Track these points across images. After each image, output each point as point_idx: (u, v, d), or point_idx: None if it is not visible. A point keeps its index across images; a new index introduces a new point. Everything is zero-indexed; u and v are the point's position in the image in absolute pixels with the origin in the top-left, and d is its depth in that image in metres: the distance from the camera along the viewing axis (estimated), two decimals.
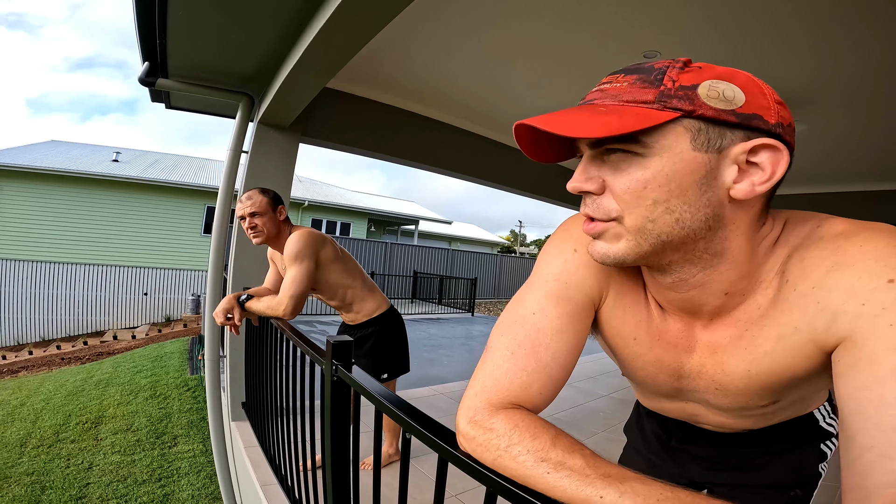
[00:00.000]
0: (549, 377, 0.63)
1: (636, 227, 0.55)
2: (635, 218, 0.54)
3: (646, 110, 0.51)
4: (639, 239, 0.55)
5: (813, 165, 3.91)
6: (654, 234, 0.54)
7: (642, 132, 0.51)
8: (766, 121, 0.51)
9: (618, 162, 0.54)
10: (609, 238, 0.57)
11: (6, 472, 4.85)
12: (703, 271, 0.58)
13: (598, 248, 0.59)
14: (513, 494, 0.53)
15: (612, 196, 0.55)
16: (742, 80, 0.52)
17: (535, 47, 2.40)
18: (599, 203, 0.56)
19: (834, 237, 0.54)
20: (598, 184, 0.56)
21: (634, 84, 0.53)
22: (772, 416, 0.82)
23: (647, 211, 0.53)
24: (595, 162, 0.56)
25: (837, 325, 0.50)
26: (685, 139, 0.51)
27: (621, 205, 0.54)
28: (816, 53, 2.16)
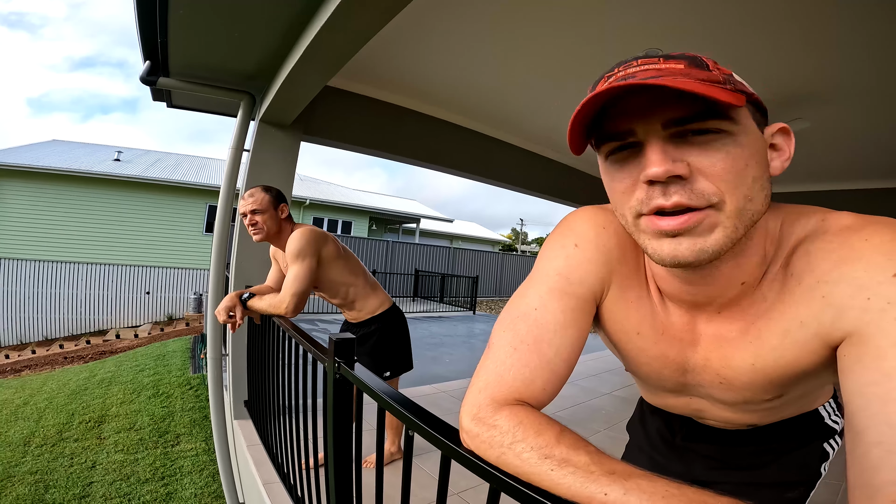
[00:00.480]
0: (552, 373, 0.62)
1: (737, 209, 0.51)
2: (737, 199, 0.51)
3: (724, 89, 0.48)
4: (737, 223, 0.51)
5: (816, 163, 3.90)
6: (749, 215, 0.52)
7: (734, 109, 0.50)
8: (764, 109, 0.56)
9: (709, 142, 0.50)
10: (702, 231, 0.51)
11: (10, 472, 4.86)
12: (734, 258, 0.58)
13: (689, 247, 0.52)
14: (517, 491, 0.53)
15: (705, 178, 0.50)
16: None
17: (537, 45, 2.39)
18: (694, 188, 0.50)
19: (839, 231, 0.54)
20: (685, 167, 0.50)
21: (692, 66, 0.50)
22: (777, 412, 0.81)
23: (748, 190, 0.51)
24: (674, 143, 0.51)
25: (843, 320, 0.50)
26: (752, 119, 0.53)
27: (722, 186, 0.50)
28: (819, 50, 2.15)
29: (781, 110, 2.82)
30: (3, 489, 4.55)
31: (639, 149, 0.53)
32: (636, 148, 0.53)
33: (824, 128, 3.04)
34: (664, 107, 0.50)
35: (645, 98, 0.51)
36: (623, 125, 0.53)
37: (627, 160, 0.55)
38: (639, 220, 0.55)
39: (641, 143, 0.52)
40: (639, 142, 0.53)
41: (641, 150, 0.53)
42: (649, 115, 0.51)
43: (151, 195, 13.58)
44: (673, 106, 0.50)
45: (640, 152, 0.53)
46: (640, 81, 0.47)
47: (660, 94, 0.50)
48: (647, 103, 0.51)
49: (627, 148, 0.54)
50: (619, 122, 0.53)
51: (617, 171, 0.56)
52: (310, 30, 1.83)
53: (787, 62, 2.28)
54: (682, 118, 0.50)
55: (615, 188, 0.57)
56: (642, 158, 0.52)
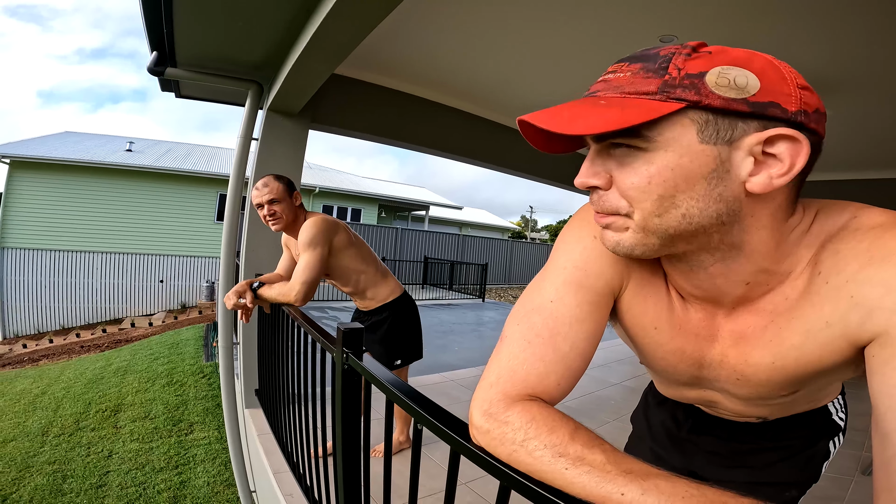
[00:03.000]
0: (567, 368, 0.61)
1: (642, 222, 0.53)
2: (641, 213, 0.52)
3: (648, 102, 0.48)
4: (646, 233, 0.53)
5: (838, 152, 3.82)
6: (661, 230, 0.52)
7: (645, 125, 0.48)
8: (784, 109, 0.46)
9: (622, 156, 0.52)
10: (617, 228, 0.56)
11: (28, 462, 4.96)
12: (720, 262, 0.56)
13: (609, 238, 0.57)
14: (529, 490, 0.52)
15: (617, 191, 0.53)
16: (760, 64, 0.47)
17: (549, 30, 2.35)
18: (606, 198, 0.55)
19: (871, 229, 0.51)
20: (604, 178, 0.54)
21: (638, 74, 0.49)
22: (789, 406, 0.80)
23: (652, 206, 0.51)
24: (601, 156, 0.54)
25: (872, 321, 0.47)
26: (691, 131, 0.48)
27: (628, 199, 0.53)
28: (841, 38, 2.09)
29: None
30: (22, 479, 4.65)
31: None
32: None
33: (846, 117, 2.97)
34: None
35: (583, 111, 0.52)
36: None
37: None
38: None
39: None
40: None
41: None
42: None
43: (163, 184, 13.72)
44: None
45: None
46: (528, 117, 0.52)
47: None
48: None
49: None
50: None
51: None
52: (315, 17, 1.81)
53: (807, 50, 2.22)
54: (601, 134, 0.51)
55: None
56: None
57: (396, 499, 1.07)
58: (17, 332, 12.46)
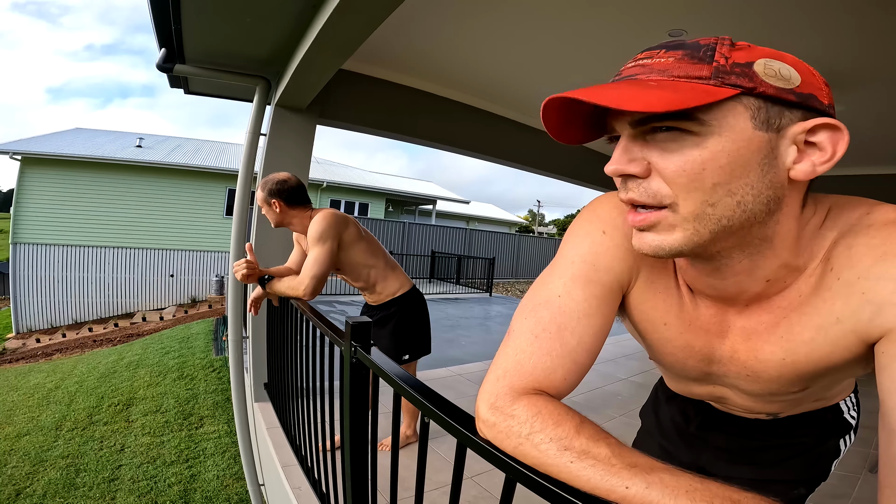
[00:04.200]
0: (574, 362, 0.61)
1: (694, 213, 0.50)
2: (692, 203, 0.49)
3: (701, 86, 0.46)
4: (697, 226, 0.50)
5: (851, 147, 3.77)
6: (714, 220, 0.50)
7: (700, 109, 0.47)
8: (820, 101, 0.49)
9: (667, 141, 0.49)
10: (662, 229, 0.52)
11: (42, 456, 5.04)
12: (749, 258, 0.55)
13: (650, 241, 0.53)
14: (534, 483, 0.52)
15: (661, 179, 0.50)
16: (791, 60, 0.49)
17: (558, 25, 2.33)
18: (647, 187, 0.51)
19: (884, 225, 0.51)
20: (642, 166, 0.51)
21: (682, 59, 0.48)
22: (800, 403, 0.80)
23: (706, 195, 0.49)
24: (637, 142, 0.51)
25: (883, 317, 0.47)
26: (745, 117, 0.47)
27: (675, 189, 0.50)
28: (852, 33, 2.06)
29: None
30: (37, 474, 4.72)
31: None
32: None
33: (858, 112, 2.93)
34: None
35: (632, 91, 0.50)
36: (610, 120, 0.54)
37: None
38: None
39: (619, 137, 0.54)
40: (618, 136, 0.54)
41: None
42: (621, 113, 0.52)
43: (173, 180, 13.83)
44: None
45: None
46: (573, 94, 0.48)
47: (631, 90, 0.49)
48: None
49: (616, 140, 0.55)
50: (608, 117, 0.55)
51: None
52: (322, 13, 1.81)
53: (818, 46, 2.19)
54: (642, 118, 0.50)
55: None
56: None
57: (403, 491, 1.08)
58: (31, 327, 12.63)
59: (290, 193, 2.12)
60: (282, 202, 2.11)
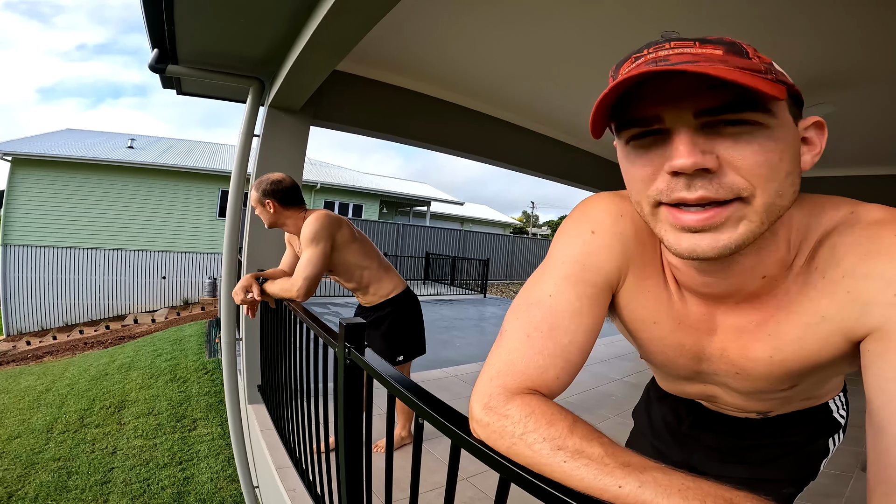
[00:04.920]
0: (566, 361, 0.61)
1: (766, 204, 0.48)
2: (767, 194, 0.48)
3: (763, 79, 0.45)
4: (763, 218, 0.49)
5: (842, 148, 3.81)
6: (777, 210, 0.50)
7: (771, 101, 0.47)
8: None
9: (741, 134, 0.47)
10: (729, 225, 0.49)
11: (34, 459, 4.98)
12: (756, 252, 0.55)
13: (712, 242, 0.49)
14: (528, 483, 0.52)
15: (735, 172, 0.47)
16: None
17: (551, 25, 2.34)
18: (722, 181, 0.48)
19: (869, 224, 0.52)
20: (714, 159, 0.47)
21: (730, 53, 0.46)
22: (789, 401, 0.81)
23: (779, 185, 0.48)
24: (701, 134, 0.48)
25: (868, 316, 0.48)
26: (788, 112, 0.50)
27: (753, 180, 0.47)
28: (844, 35, 2.09)
29: (805, 95, 2.75)
30: (28, 476, 4.67)
31: (665, 136, 0.50)
32: (662, 135, 0.50)
33: (849, 112, 2.96)
34: (697, 95, 0.47)
35: (677, 84, 0.47)
36: (650, 111, 0.49)
37: (651, 147, 0.51)
38: (658, 210, 0.53)
39: (669, 130, 0.49)
40: (666, 129, 0.49)
41: (668, 137, 0.49)
42: (681, 102, 0.47)
43: (165, 181, 13.74)
44: (706, 95, 0.46)
45: (667, 140, 0.50)
46: (679, 67, 0.44)
47: (693, 81, 0.46)
48: (680, 90, 0.47)
49: (652, 134, 0.51)
50: (646, 107, 0.50)
51: (638, 157, 0.53)
52: (317, 14, 1.81)
53: (810, 45, 2.21)
54: (715, 108, 0.47)
55: (635, 175, 0.54)
56: (668, 147, 0.49)
57: (398, 493, 1.08)
58: (21, 330, 12.50)
59: (285, 194, 2.11)
60: (276, 203, 2.11)
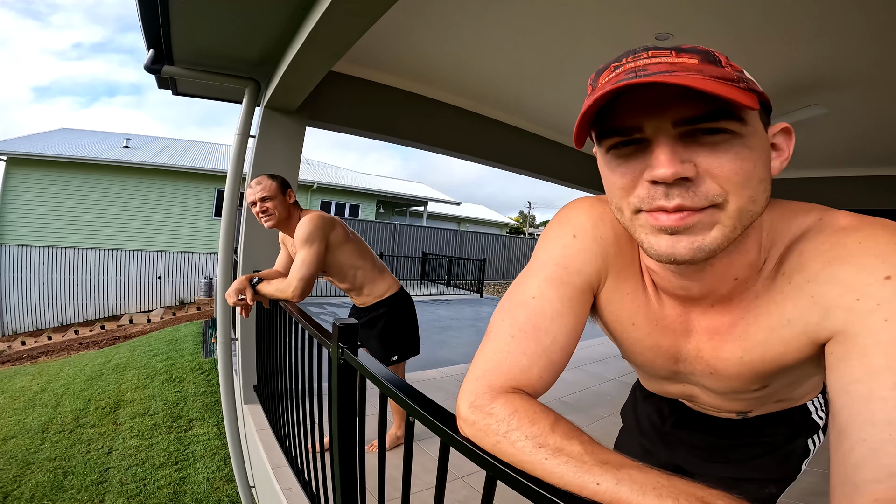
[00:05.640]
0: (549, 360, 0.63)
1: (740, 209, 0.50)
2: (741, 200, 0.50)
3: (737, 88, 0.47)
4: (737, 223, 0.51)
5: (829, 149, 3.84)
6: (750, 215, 0.51)
7: (744, 110, 0.48)
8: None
9: (717, 143, 0.49)
10: (700, 229, 0.50)
11: (29, 459, 4.97)
12: (728, 255, 0.57)
13: (687, 245, 0.51)
14: (512, 480, 0.54)
15: (712, 180, 0.49)
16: None
17: (547, 27, 2.36)
18: (697, 189, 0.49)
19: (835, 231, 0.53)
20: (692, 168, 0.49)
21: (705, 62, 0.48)
22: (764, 401, 0.83)
23: (753, 191, 0.50)
24: (681, 143, 0.49)
25: (831, 320, 0.50)
26: (759, 120, 0.52)
27: (728, 187, 0.49)
28: (835, 37, 2.11)
29: (796, 97, 2.77)
30: (23, 476, 4.65)
31: (645, 145, 0.51)
32: (642, 144, 0.51)
33: (839, 115, 2.99)
34: (676, 104, 0.48)
35: (655, 94, 0.48)
36: (630, 120, 0.51)
37: (631, 156, 0.53)
38: (637, 216, 0.54)
39: (649, 140, 0.50)
40: (646, 138, 0.51)
41: (648, 146, 0.51)
42: (660, 112, 0.49)
43: (161, 181, 13.71)
44: (685, 104, 0.48)
45: (646, 149, 0.51)
46: (657, 79, 0.45)
47: (671, 91, 0.47)
48: (658, 100, 0.49)
49: (633, 143, 0.52)
50: (625, 116, 0.51)
51: (618, 165, 0.54)
52: (312, 15, 1.82)
53: (801, 48, 2.23)
54: (694, 118, 0.48)
55: (615, 182, 0.55)
56: (648, 156, 0.51)
57: (393, 491, 1.09)
58: (16, 330, 12.45)
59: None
60: (293, 194, 2.16)
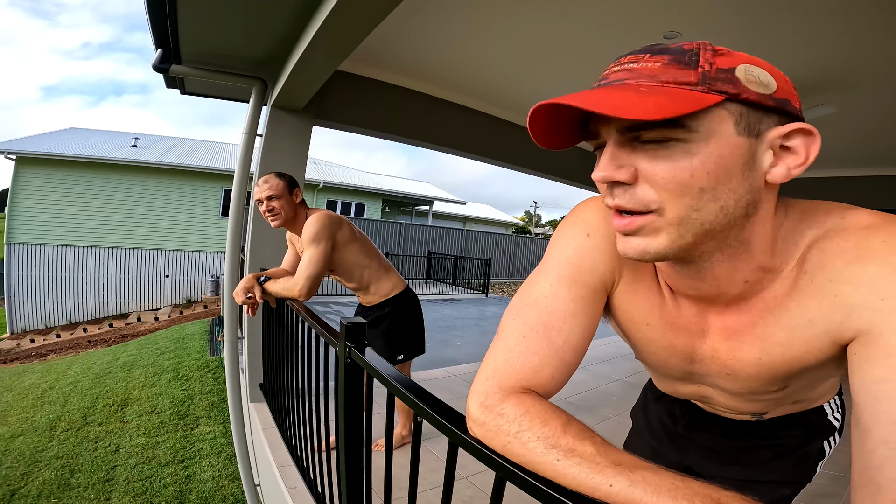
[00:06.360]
0: (561, 361, 0.62)
1: (679, 217, 0.51)
2: (679, 208, 0.50)
3: (690, 92, 0.47)
4: (681, 230, 0.51)
5: (843, 148, 3.80)
6: (697, 224, 0.51)
7: (689, 116, 0.47)
8: (794, 106, 0.50)
9: (656, 149, 0.50)
10: (647, 233, 0.53)
11: (37, 457, 5.01)
12: (729, 260, 0.56)
13: (635, 245, 0.54)
14: (523, 481, 0.53)
15: (649, 185, 0.50)
16: (766, 66, 0.50)
17: (551, 25, 2.35)
18: (633, 193, 0.51)
19: (858, 230, 0.52)
20: (630, 172, 0.51)
21: (670, 64, 0.48)
22: (781, 402, 0.81)
23: (692, 200, 0.50)
24: (624, 149, 0.51)
25: (854, 319, 0.49)
26: (729, 123, 0.48)
27: (662, 195, 0.50)
28: (846, 36, 2.09)
29: (805, 96, 2.74)
30: (31, 474, 4.69)
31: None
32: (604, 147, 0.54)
33: (849, 114, 2.96)
34: None
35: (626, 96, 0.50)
36: (593, 126, 0.55)
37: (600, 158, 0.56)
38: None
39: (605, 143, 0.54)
40: (604, 143, 0.54)
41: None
42: (608, 120, 0.52)
43: (169, 180, 13.79)
44: None
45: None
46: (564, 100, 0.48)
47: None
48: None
49: (601, 147, 0.55)
50: (592, 123, 0.55)
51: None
52: (319, 14, 1.82)
53: (811, 48, 2.21)
54: (632, 125, 0.50)
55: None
56: None
57: (398, 491, 1.08)
58: (25, 327, 12.56)
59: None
60: (300, 193, 2.16)
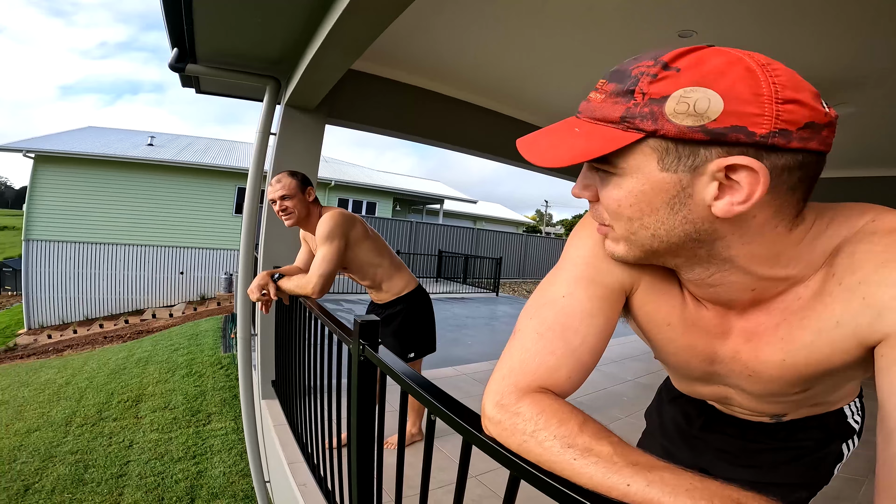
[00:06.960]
0: (577, 361, 0.62)
1: (623, 236, 0.58)
2: (620, 228, 0.57)
3: (612, 130, 0.50)
4: (629, 246, 0.58)
5: (860, 148, 3.74)
6: (637, 244, 0.57)
7: (613, 154, 0.50)
8: (751, 132, 0.44)
9: (603, 178, 0.56)
10: (612, 241, 0.60)
11: (52, 451, 5.08)
12: (718, 272, 0.57)
13: (608, 248, 0.62)
14: (538, 480, 0.53)
15: (602, 206, 0.58)
16: (735, 77, 0.45)
17: (564, 23, 2.33)
18: (596, 209, 0.60)
19: (888, 232, 0.51)
20: (592, 192, 0.59)
21: (609, 97, 0.51)
22: (802, 404, 0.80)
23: (626, 226, 0.56)
24: (592, 170, 0.58)
25: (882, 322, 0.48)
26: (653, 160, 0.49)
27: (608, 215, 0.57)
28: (865, 33, 2.04)
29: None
30: (45, 469, 4.76)
31: None
32: None
33: (871, 112, 2.91)
34: None
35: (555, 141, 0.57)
36: None
37: None
38: None
39: None
40: None
41: None
42: None
43: (183, 178, 13.94)
44: None
45: None
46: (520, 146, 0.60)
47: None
48: None
49: None
50: None
51: None
52: (332, 14, 1.82)
53: (831, 45, 2.17)
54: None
55: None
56: None
57: (408, 489, 1.09)
58: (42, 323, 12.77)
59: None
60: (313, 191, 2.17)
